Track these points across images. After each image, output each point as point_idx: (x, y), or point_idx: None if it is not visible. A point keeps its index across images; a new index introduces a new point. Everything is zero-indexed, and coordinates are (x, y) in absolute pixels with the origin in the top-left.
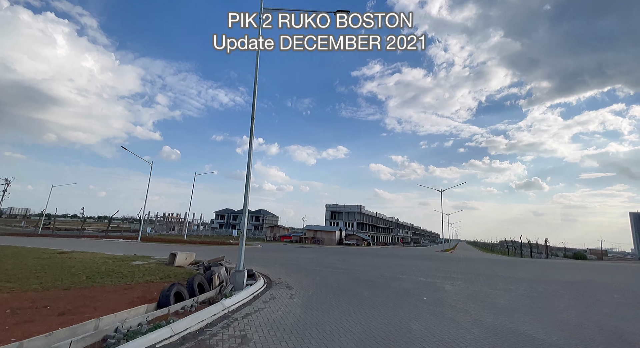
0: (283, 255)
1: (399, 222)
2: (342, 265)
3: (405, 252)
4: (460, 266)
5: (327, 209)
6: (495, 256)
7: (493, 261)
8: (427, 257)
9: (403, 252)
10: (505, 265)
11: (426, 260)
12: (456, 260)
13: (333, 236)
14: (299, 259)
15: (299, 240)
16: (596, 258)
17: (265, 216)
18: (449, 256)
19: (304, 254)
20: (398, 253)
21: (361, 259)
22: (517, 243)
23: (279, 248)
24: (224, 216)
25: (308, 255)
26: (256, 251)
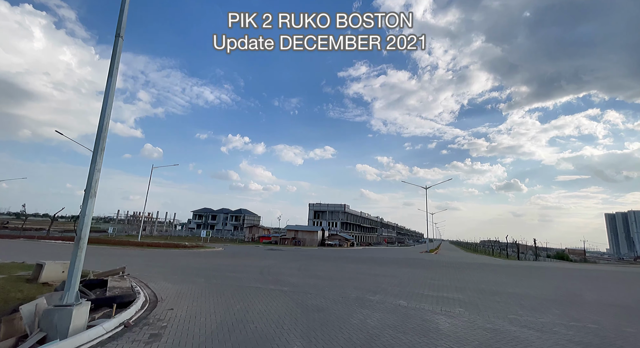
0: (233, 261)
1: (383, 222)
2: (298, 278)
3: (388, 254)
4: (452, 275)
5: (310, 208)
6: (485, 259)
7: (488, 267)
8: (411, 261)
9: (385, 254)
10: (505, 272)
11: (410, 266)
12: (445, 265)
13: (315, 237)
14: (246, 269)
15: (278, 241)
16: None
17: (246, 215)
18: (435, 259)
19: (262, 260)
20: (379, 256)
21: (330, 266)
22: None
23: (241, 252)
24: (202, 216)
25: (266, 260)
26: (207, 257)
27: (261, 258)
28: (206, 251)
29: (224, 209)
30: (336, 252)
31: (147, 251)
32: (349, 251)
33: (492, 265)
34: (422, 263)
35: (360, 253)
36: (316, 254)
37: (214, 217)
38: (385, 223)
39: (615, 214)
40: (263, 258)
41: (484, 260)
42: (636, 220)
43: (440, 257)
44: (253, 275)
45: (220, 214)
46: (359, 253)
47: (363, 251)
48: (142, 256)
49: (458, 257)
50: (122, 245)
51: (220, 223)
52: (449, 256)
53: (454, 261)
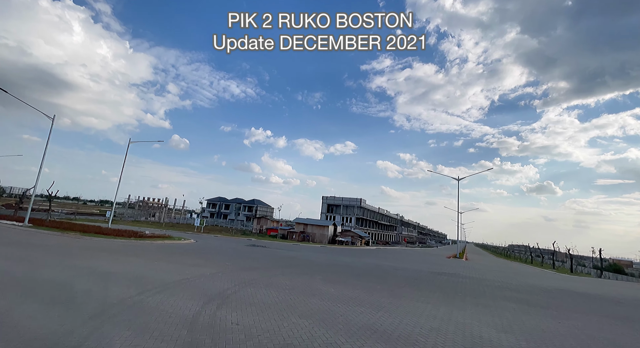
0: (154, 269)
1: (403, 220)
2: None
3: (406, 259)
4: (533, 325)
5: (324, 201)
6: (528, 269)
7: (584, 300)
8: (443, 280)
9: (403, 259)
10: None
11: (435, 287)
12: (508, 297)
13: (325, 232)
14: None
15: (286, 234)
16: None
17: (259, 206)
18: (470, 268)
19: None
20: (393, 263)
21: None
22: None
23: (209, 249)
24: (215, 204)
25: (205, 269)
26: (141, 255)
27: (213, 265)
28: (162, 245)
29: (238, 199)
30: (343, 252)
31: (76, 241)
32: (359, 252)
33: (573, 292)
34: (455, 278)
35: (370, 256)
36: (314, 254)
37: (227, 206)
38: (406, 221)
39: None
40: (214, 266)
41: (532, 271)
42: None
43: (475, 266)
44: None
45: (234, 204)
46: (369, 255)
47: (376, 252)
48: (33, 248)
49: (497, 267)
50: (73, 230)
51: (233, 212)
52: (484, 264)
53: (507, 282)
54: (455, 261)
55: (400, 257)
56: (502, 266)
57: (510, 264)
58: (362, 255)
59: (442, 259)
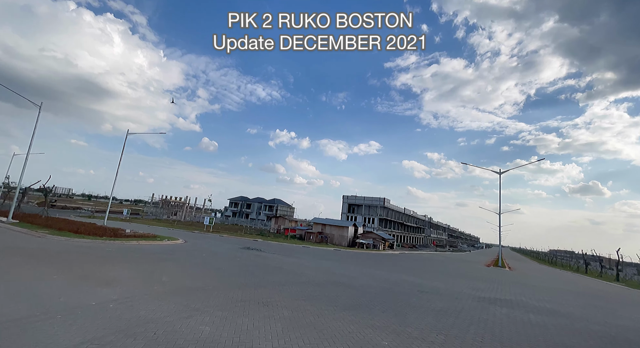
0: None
1: (432, 222)
2: None
3: (434, 268)
4: None
5: (344, 201)
6: (602, 285)
7: None
8: (488, 305)
9: (430, 268)
10: None
11: (499, 343)
12: None
13: (345, 233)
14: None
15: (303, 235)
16: None
17: (279, 206)
18: (526, 287)
19: None
20: (416, 279)
21: (247, 328)
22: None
23: (189, 253)
24: (237, 204)
25: None
26: (91, 261)
27: (139, 281)
28: (131, 247)
29: (259, 198)
30: (351, 260)
31: (34, 240)
32: (377, 258)
33: None
34: (552, 342)
35: (389, 265)
36: (301, 266)
37: (249, 206)
38: (435, 223)
39: None
40: (140, 282)
41: (626, 295)
42: None
43: (528, 280)
44: None
45: (255, 203)
46: (388, 264)
47: (399, 259)
48: None
49: (555, 282)
50: (51, 228)
51: (254, 212)
52: (537, 277)
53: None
54: (497, 271)
55: (428, 267)
56: (560, 280)
57: (565, 275)
58: (379, 264)
59: (480, 268)
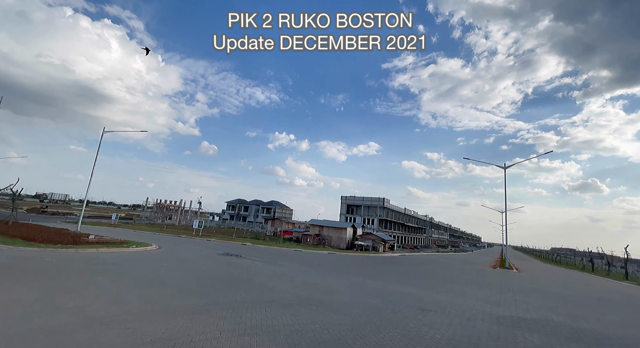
0: None
1: (433, 222)
2: None
3: (436, 274)
4: None
5: (343, 201)
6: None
7: None
8: (521, 340)
9: (432, 274)
10: None
11: None
12: None
13: (343, 235)
14: None
15: (300, 237)
16: None
17: (277, 208)
18: (547, 296)
19: None
20: (415, 291)
21: None
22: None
23: (151, 263)
24: (235, 206)
25: None
26: None
27: None
28: (85, 255)
29: (257, 200)
30: (343, 266)
31: None
32: (374, 263)
33: None
34: None
35: (385, 272)
36: (281, 277)
37: (246, 208)
38: (436, 223)
39: None
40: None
41: None
42: None
43: (543, 285)
44: None
45: (253, 206)
46: (386, 270)
47: (398, 262)
48: None
49: (570, 285)
50: (10, 236)
51: (252, 214)
52: (550, 280)
53: None
54: (505, 274)
55: (430, 272)
56: (575, 283)
57: (575, 275)
58: (375, 271)
59: (486, 270)
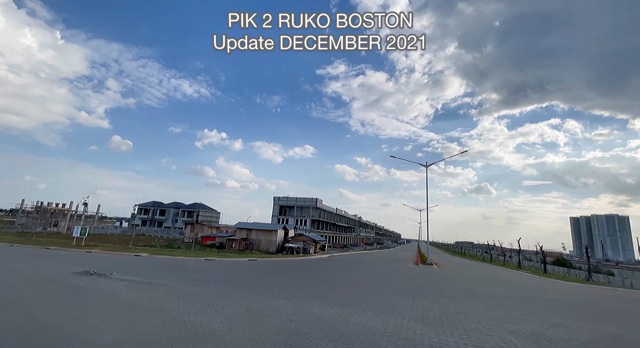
0: None
1: (362, 221)
2: None
3: (360, 280)
4: None
5: (275, 202)
6: (519, 277)
7: None
8: None
9: (355, 281)
10: None
11: None
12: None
13: (273, 238)
14: None
15: (224, 243)
16: None
17: (202, 211)
18: (492, 307)
19: None
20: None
21: None
22: (474, 245)
23: None
24: (148, 210)
25: None
26: None
27: None
28: None
29: (176, 203)
30: (252, 279)
31: None
32: (294, 269)
33: None
34: None
35: (300, 284)
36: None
37: (163, 212)
38: (364, 222)
39: (580, 218)
40: None
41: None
42: (599, 224)
43: (467, 285)
44: None
45: (171, 209)
46: (302, 281)
47: (322, 267)
48: None
49: (488, 280)
50: None
51: (170, 219)
52: (462, 273)
53: None
54: (429, 272)
55: (356, 275)
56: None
57: (486, 268)
58: (294, 282)
59: (411, 269)
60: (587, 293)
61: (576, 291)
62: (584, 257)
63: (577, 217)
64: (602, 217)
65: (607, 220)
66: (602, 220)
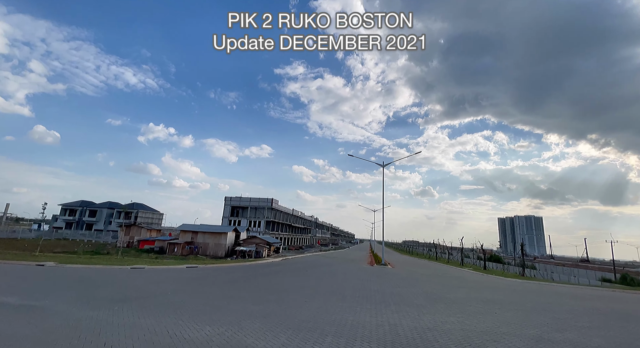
0: None
1: (318, 222)
2: None
3: (315, 287)
4: None
5: (227, 203)
6: (469, 274)
7: None
8: None
9: (306, 287)
10: None
11: None
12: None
13: (222, 241)
14: None
15: (165, 247)
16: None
17: (141, 212)
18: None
19: None
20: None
21: None
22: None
23: None
24: (75, 211)
25: None
26: None
27: None
28: None
29: (110, 203)
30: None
31: None
32: (240, 274)
33: None
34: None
35: (241, 296)
36: None
37: (94, 213)
38: (320, 223)
39: (505, 219)
40: None
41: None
42: (519, 224)
43: (420, 287)
44: None
45: (104, 210)
46: (246, 288)
47: (272, 272)
48: None
49: (439, 279)
50: None
51: (102, 221)
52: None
53: None
54: (385, 274)
55: (313, 285)
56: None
57: (435, 266)
58: (229, 296)
59: (366, 270)
60: (542, 292)
61: (529, 289)
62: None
63: (504, 218)
64: (522, 218)
65: (526, 220)
66: (522, 220)
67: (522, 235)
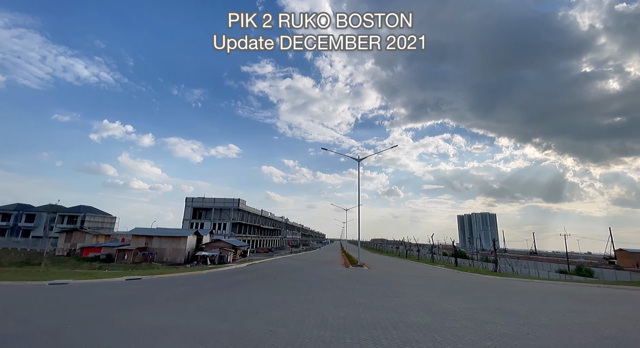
0: None
1: (288, 223)
2: None
3: (283, 304)
4: None
5: (188, 204)
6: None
7: None
8: None
9: (271, 307)
10: None
11: None
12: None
13: (182, 245)
14: None
15: (114, 255)
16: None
17: (88, 216)
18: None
19: None
20: None
21: None
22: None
23: None
24: (9, 215)
25: None
26: None
27: None
28: None
29: (52, 206)
30: None
31: None
32: (194, 288)
33: None
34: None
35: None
36: None
37: (31, 218)
38: (291, 224)
39: (464, 216)
40: None
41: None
42: (476, 220)
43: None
44: None
45: (43, 214)
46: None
47: (240, 281)
48: None
49: (416, 279)
50: None
51: (41, 226)
52: (391, 273)
53: None
54: (361, 275)
55: (275, 303)
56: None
57: (409, 265)
58: (158, 329)
59: (342, 274)
60: (537, 290)
61: (517, 290)
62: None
63: (462, 215)
64: (479, 215)
65: (482, 217)
66: (479, 217)
67: (478, 231)
